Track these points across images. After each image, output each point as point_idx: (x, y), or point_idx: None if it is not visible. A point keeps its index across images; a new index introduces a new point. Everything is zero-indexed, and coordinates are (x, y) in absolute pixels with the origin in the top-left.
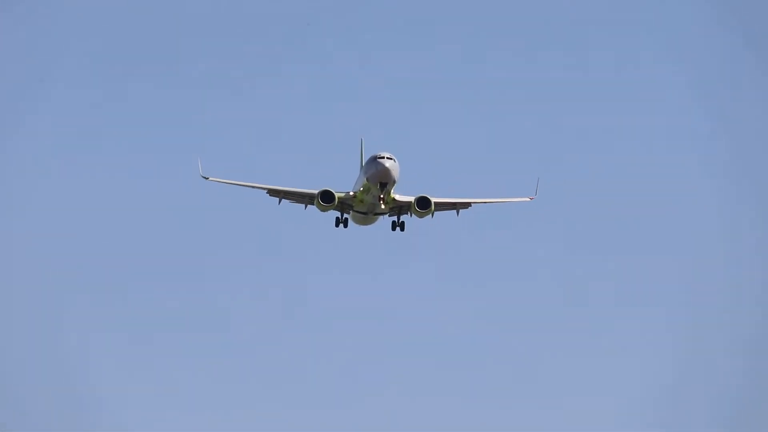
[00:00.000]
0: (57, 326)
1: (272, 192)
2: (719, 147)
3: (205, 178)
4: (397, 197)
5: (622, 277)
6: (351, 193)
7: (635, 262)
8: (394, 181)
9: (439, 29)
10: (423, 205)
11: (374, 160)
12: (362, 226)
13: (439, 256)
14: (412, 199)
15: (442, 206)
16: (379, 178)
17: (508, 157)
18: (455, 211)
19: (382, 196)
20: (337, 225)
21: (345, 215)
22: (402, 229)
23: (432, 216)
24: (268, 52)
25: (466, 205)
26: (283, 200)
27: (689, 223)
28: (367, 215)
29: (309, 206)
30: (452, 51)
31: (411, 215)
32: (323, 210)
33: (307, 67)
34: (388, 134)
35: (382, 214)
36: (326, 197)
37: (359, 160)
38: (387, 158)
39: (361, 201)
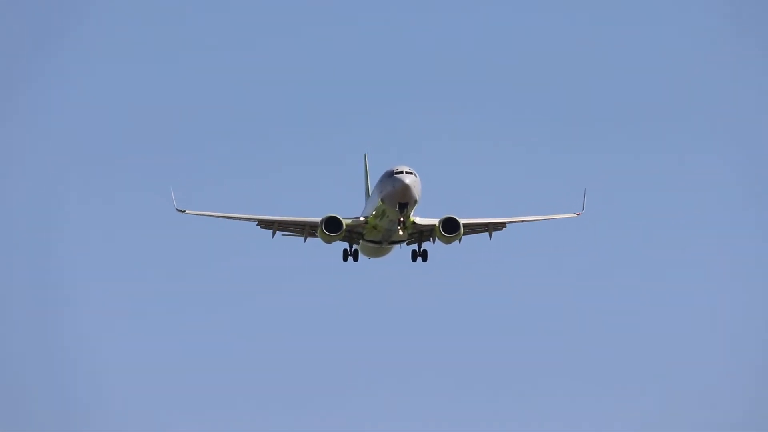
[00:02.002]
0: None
1: (264, 223)
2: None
3: (180, 211)
4: (418, 221)
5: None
6: (361, 219)
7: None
8: (416, 201)
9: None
10: (450, 228)
11: (391, 176)
12: (375, 258)
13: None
14: (436, 221)
15: (471, 228)
16: (398, 198)
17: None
18: (487, 233)
19: (402, 219)
20: (345, 259)
21: (354, 246)
22: (424, 259)
23: (459, 241)
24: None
25: (500, 225)
26: (277, 232)
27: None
28: (381, 245)
29: (309, 238)
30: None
31: (433, 241)
32: (328, 241)
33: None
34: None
35: (399, 242)
36: (332, 225)
37: (363, 180)
38: (406, 173)
39: (375, 227)
